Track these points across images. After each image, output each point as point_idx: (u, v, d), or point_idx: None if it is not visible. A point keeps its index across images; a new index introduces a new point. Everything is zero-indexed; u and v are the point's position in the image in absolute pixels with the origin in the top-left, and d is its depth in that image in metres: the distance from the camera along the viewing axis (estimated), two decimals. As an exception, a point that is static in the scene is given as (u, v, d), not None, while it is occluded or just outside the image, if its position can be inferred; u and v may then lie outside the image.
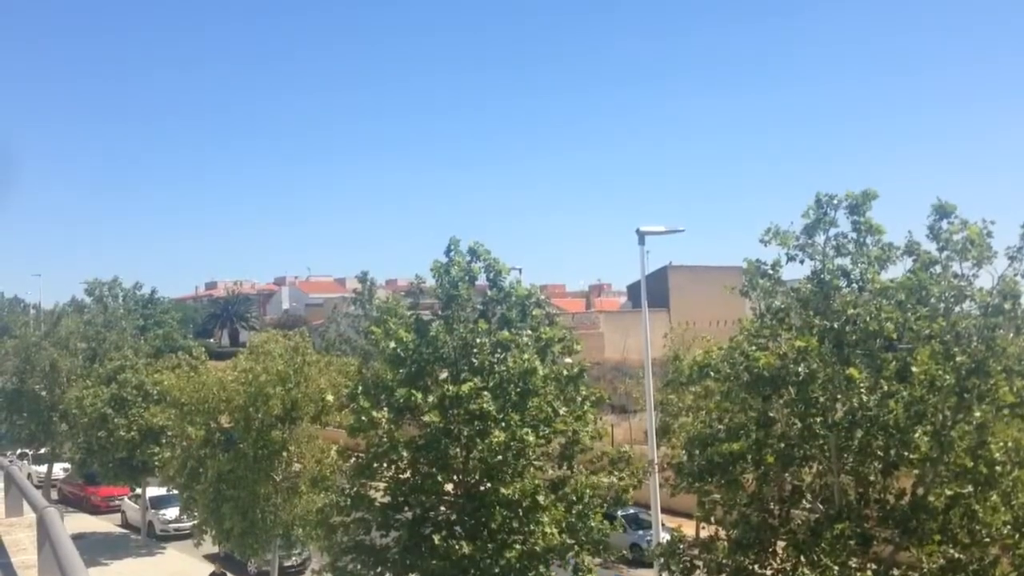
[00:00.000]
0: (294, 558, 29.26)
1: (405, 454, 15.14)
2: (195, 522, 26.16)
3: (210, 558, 29.86)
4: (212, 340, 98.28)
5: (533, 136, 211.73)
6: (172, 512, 34.20)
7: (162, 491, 34.48)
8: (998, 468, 12.04)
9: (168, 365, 30.98)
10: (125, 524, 38.69)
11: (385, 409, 15.19)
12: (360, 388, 15.70)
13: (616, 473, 16.02)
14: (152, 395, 32.68)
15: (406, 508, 15.65)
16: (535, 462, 15.71)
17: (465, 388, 14.72)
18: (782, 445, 12.97)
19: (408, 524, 15.48)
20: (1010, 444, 12.11)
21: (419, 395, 14.90)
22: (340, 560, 15.71)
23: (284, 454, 23.24)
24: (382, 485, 16.03)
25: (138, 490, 36.81)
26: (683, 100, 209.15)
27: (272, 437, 22.72)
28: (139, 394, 34.13)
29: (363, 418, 15.12)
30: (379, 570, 15.40)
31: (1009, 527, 12.17)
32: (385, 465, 15.56)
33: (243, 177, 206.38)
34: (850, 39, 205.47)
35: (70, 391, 37.07)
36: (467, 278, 16.05)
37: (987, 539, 12.21)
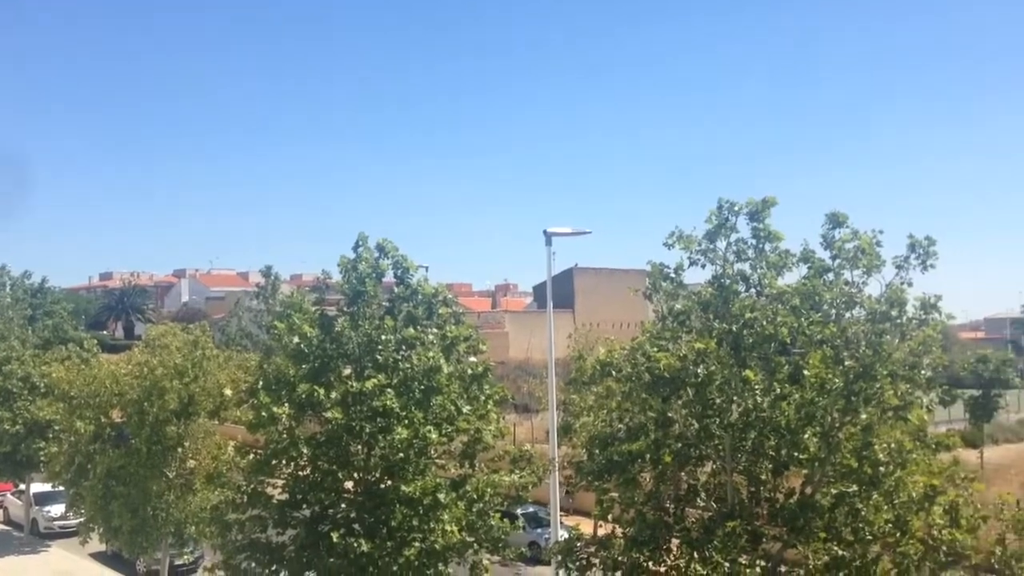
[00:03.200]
0: (186, 557, 28.57)
1: (305, 451, 14.93)
2: (82, 520, 25.29)
3: (97, 557, 28.94)
4: (105, 332, 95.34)
5: (443, 135, 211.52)
6: (58, 509, 33.14)
7: (47, 487, 33.27)
8: (881, 468, 12.51)
9: (57, 357, 29.99)
10: (7, 521, 37.40)
11: (286, 405, 14.96)
12: (261, 383, 15.44)
13: (517, 472, 16.13)
14: (39, 388, 31.44)
15: (304, 506, 15.43)
16: (437, 460, 15.71)
17: (369, 385, 14.61)
18: (679, 445, 13.25)
19: (306, 522, 15.28)
20: (893, 445, 12.59)
21: (322, 391, 14.72)
22: (234, 558, 15.42)
23: (179, 450, 22.71)
24: (280, 482, 15.78)
25: (22, 486, 35.56)
26: (593, 103, 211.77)
27: (167, 432, 22.16)
28: (25, 387, 32.82)
29: (263, 414, 14.86)
30: (274, 568, 15.16)
31: (890, 525, 12.64)
32: (284, 462, 15.32)
33: (143, 166, 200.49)
34: (752, 45, 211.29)
35: (-49, 382, 35.36)
36: (374, 275, 15.93)
37: (870, 537, 12.68)
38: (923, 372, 13.35)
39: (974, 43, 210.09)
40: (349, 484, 15.53)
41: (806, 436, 12.55)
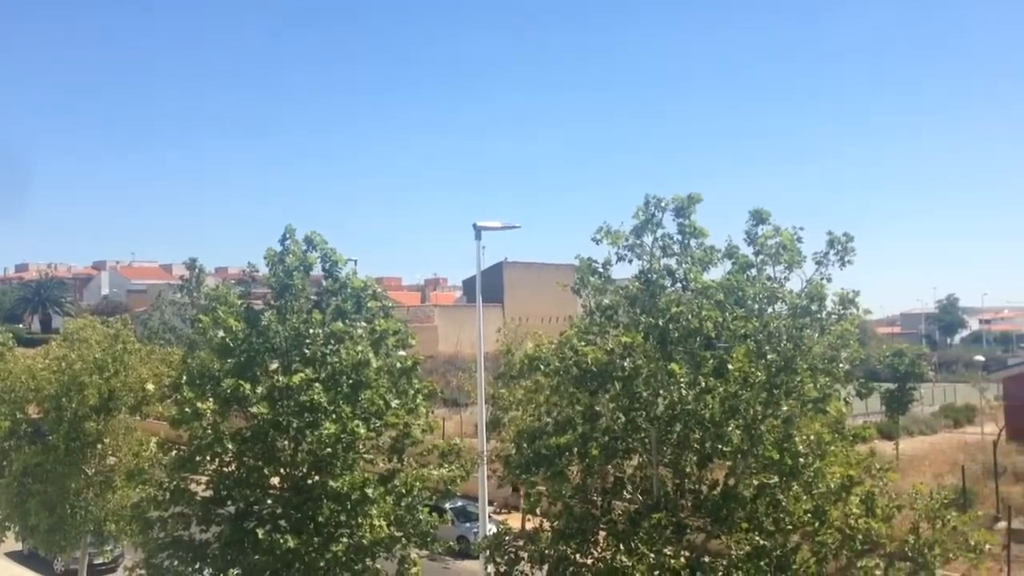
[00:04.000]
0: (105, 555, 27.94)
1: (230, 446, 14.70)
2: (-4, 519, 24.52)
3: (13, 556, 28.08)
4: (21, 326, 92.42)
5: (372, 129, 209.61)
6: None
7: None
8: (801, 460, 12.80)
9: (-30, 351, 28.96)
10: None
11: (211, 400, 14.70)
12: (184, 378, 15.12)
13: (446, 466, 16.12)
14: (-51, 383, 30.32)
15: (229, 502, 15.19)
16: (365, 455, 15.59)
17: (296, 379, 14.44)
18: (606, 438, 13.39)
19: (230, 519, 15.05)
20: (812, 437, 12.89)
21: (248, 386, 14.48)
22: (156, 557, 15.10)
23: (98, 446, 22.20)
24: (204, 479, 15.52)
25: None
26: (523, 98, 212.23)
27: (86, 429, 21.60)
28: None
29: (186, 409, 14.58)
30: (198, 566, 14.90)
31: (809, 515, 12.96)
32: (208, 458, 15.04)
33: (61, 156, 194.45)
34: (681, 43, 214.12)
35: None
36: (302, 268, 15.71)
37: (790, 527, 12.99)
38: (841, 366, 13.73)
39: (892, 41, 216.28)
40: (275, 480, 15.33)
41: (730, 429, 12.76)
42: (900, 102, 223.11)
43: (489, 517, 22.38)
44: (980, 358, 72.98)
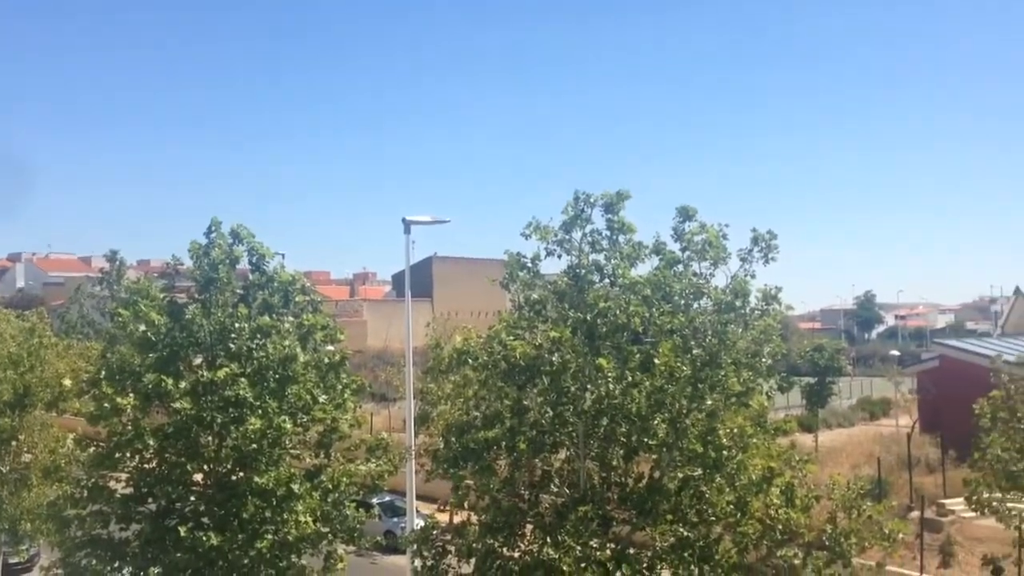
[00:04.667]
0: (21, 555, 27.15)
1: (151, 443, 14.44)
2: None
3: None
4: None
5: (301, 121, 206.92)
6: None
7: None
8: (725, 452, 13.03)
9: None
10: None
11: (131, 395, 14.43)
12: (103, 373, 14.81)
13: (373, 461, 16.07)
14: None
15: (150, 499, 14.93)
16: (292, 450, 15.46)
17: (221, 374, 14.26)
18: (534, 432, 13.47)
19: (151, 516, 14.79)
20: (735, 430, 13.13)
21: (170, 381, 14.24)
22: (73, 556, 14.73)
23: (13, 443, 21.62)
24: (124, 476, 15.21)
25: None
26: (454, 92, 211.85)
27: (0, 425, 21.03)
28: None
29: (106, 405, 14.30)
30: (117, 565, 14.60)
31: (732, 506, 13.22)
32: (128, 454, 14.76)
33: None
34: (608, 42, 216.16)
35: None
36: (228, 261, 15.50)
37: (713, 518, 13.24)
38: (764, 360, 14.03)
39: (813, 45, 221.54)
40: (198, 476, 15.12)
41: (655, 422, 12.93)
42: (820, 104, 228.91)
43: (417, 512, 22.34)
44: (895, 353, 75.30)
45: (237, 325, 14.83)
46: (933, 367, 41.24)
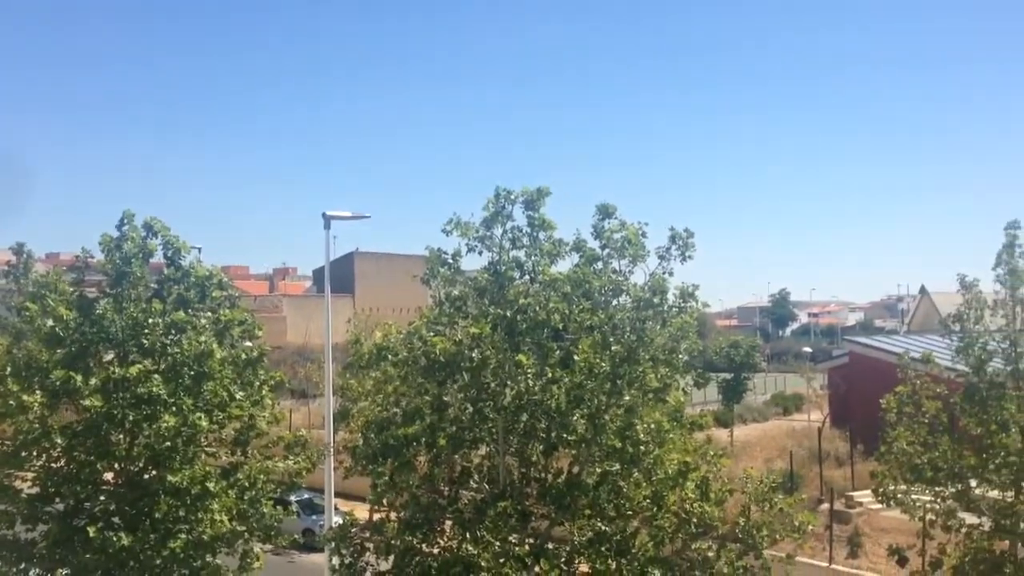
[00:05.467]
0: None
1: (59, 441, 14.09)
2: None
3: None
4: None
5: (218, 114, 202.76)
6: None
7: None
8: (642, 447, 13.24)
9: None
10: None
11: (38, 392, 14.03)
12: (9, 369, 14.39)
13: (291, 458, 15.90)
14: None
15: (58, 499, 14.54)
16: (207, 448, 15.23)
17: (133, 370, 13.96)
18: (454, 428, 13.48)
19: (59, 516, 14.41)
20: (653, 426, 13.34)
21: (79, 377, 13.89)
22: (-23, 558, 14.25)
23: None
24: (31, 475, 14.75)
25: None
26: (373, 92, 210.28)
27: None
28: None
29: (11, 402, 13.91)
30: (24, 567, 14.19)
31: (648, 500, 13.46)
32: (35, 453, 14.36)
33: None
34: (531, 40, 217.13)
35: None
36: (141, 255, 15.19)
37: (630, 512, 13.47)
38: (681, 356, 14.27)
39: (731, 41, 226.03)
40: (109, 475, 14.78)
41: (575, 418, 13.05)
42: (737, 104, 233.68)
43: (336, 509, 22.14)
44: (808, 349, 77.58)
45: (151, 320, 14.52)
46: (843, 363, 42.41)
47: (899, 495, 18.49)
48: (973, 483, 18.01)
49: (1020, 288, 18.12)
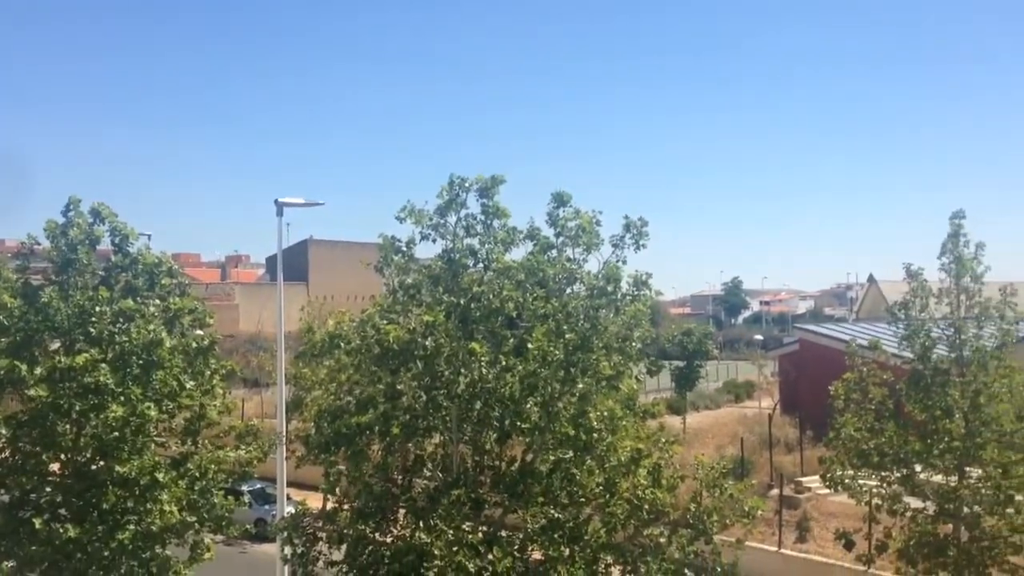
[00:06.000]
0: None
1: (3, 431, 13.91)
2: None
3: None
4: None
5: (172, 98, 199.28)
6: None
7: None
8: (595, 435, 13.30)
9: None
10: None
11: (-19, 382, 13.73)
12: (-50, 358, 14.03)
13: (243, 447, 15.78)
14: None
15: (2, 491, 14.33)
16: (157, 438, 15.06)
17: (80, 360, 13.72)
18: (408, 417, 13.44)
19: (4, 508, 14.19)
20: (606, 413, 13.42)
21: (24, 366, 13.65)
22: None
23: None
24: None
25: None
26: (327, 78, 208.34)
27: None
28: None
29: (-47, 392, 13.58)
30: (-34, 560, 13.90)
31: (601, 487, 13.55)
32: (-22, 444, 14.07)
33: None
34: (487, 34, 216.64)
35: None
36: (88, 242, 14.98)
37: (583, 499, 13.54)
38: (634, 344, 14.34)
39: (681, 35, 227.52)
40: (55, 466, 14.55)
41: (528, 406, 13.07)
42: (690, 93, 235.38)
43: (288, 498, 22.01)
44: (759, 337, 78.62)
45: (98, 308, 14.30)
46: (793, 351, 43.03)
47: (846, 480, 18.83)
48: (918, 468, 18.42)
49: (964, 277, 18.52)
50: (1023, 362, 18.34)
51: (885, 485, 18.51)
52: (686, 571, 13.68)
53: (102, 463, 14.24)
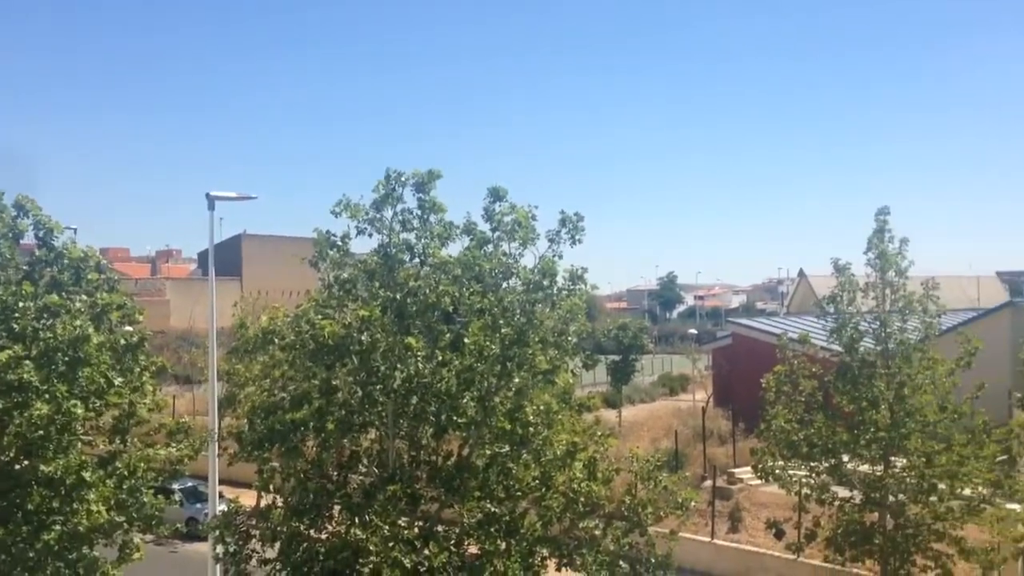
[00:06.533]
0: None
1: (-78, 431, 13.34)
2: None
3: None
4: None
5: (98, 90, 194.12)
6: None
7: None
8: (531, 429, 13.38)
9: None
10: None
11: None
12: None
13: (173, 445, 15.50)
14: None
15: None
16: (84, 436, 14.67)
17: (2, 356, 13.31)
18: (343, 412, 13.35)
19: (-78, 511, 13.66)
20: (542, 407, 13.51)
21: (-58, 364, 13.17)
22: None
23: None
24: None
25: None
26: (261, 71, 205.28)
27: None
28: None
29: None
30: None
31: (537, 481, 13.63)
32: None
33: None
34: (415, 23, 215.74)
35: None
36: (11, 235, 14.59)
37: (519, 493, 13.60)
38: (570, 339, 14.45)
39: (624, 28, 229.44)
40: (-23, 467, 14.08)
41: (465, 400, 13.07)
42: (623, 86, 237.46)
43: (221, 496, 21.68)
44: (693, 331, 79.54)
45: (21, 304, 13.91)
46: (726, 344, 43.73)
47: (777, 471, 19.26)
48: (845, 458, 18.91)
49: (889, 271, 19.05)
50: (945, 354, 18.94)
51: (814, 475, 18.97)
52: (621, 563, 13.84)
53: (26, 462, 13.85)
